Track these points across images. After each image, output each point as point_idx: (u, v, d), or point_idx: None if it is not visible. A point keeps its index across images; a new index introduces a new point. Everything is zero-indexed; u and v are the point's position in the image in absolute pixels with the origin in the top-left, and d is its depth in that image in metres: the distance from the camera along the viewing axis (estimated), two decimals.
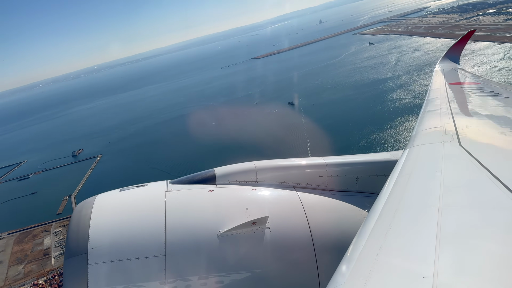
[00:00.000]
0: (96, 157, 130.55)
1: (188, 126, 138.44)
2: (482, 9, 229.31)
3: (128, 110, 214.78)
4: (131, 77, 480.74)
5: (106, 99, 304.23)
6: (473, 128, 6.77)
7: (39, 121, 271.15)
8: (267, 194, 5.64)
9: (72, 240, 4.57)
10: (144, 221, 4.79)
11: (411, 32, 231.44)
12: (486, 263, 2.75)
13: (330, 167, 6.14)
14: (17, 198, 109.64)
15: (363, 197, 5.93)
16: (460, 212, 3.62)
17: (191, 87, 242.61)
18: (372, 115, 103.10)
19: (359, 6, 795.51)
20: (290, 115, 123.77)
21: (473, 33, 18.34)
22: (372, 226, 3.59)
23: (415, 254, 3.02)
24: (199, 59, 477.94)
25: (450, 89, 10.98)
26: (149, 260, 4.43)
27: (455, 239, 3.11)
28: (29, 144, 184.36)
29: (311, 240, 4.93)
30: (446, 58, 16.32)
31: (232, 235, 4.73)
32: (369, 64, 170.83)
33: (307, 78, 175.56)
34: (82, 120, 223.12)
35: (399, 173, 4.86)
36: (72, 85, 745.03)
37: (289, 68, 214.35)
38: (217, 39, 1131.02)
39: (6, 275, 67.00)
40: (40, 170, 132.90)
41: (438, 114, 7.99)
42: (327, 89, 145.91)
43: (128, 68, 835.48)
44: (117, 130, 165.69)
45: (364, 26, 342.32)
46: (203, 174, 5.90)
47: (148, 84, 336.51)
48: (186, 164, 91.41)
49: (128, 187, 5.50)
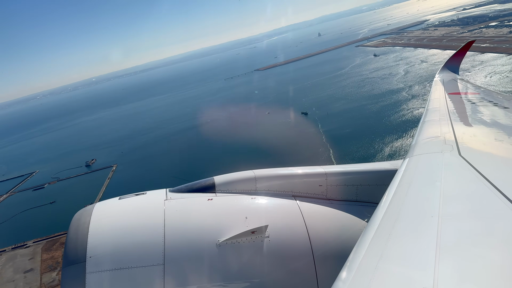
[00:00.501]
0: (112, 167, 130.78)
1: (200, 136, 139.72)
2: (484, 22, 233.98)
3: (136, 120, 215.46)
4: (133, 89, 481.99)
5: (111, 110, 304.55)
6: (472, 138, 6.83)
7: (44, 132, 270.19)
8: (266, 203, 5.60)
9: (71, 249, 4.55)
10: (143, 229, 4.78)
11: (415, 44, 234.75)
12: (486, 273, 2.73)
13: (330, 176, 6.15)
14: (37, 207, 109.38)
15: (363, 207, 5.94)
16: (460, 222, 3.61)
17: (197, 98, 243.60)
18: (389, 124, 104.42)
19: (355, 20, 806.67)
20: (306, 125, 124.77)
21: (472, 43, 18.69)
22: (372, 236, 3.56)
23: (415, 264, 3.00)
24: (200, 71, 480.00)
25: (450, 99, 11.11)
26: (148, 269, 4.42)
27: (455, 249, 3.09)
28: (38, 155, 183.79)
29: (310, 250, 4.92)
30: (445, 69, 16.63)
31: (231, 244, 4.72)
32: (378, 75, 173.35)
33: (316, 89, 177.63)
34: (90, 130, 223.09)
35: (399, 183, 4.90)
36: (71, 97, 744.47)
37: (295, 79, 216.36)
38: (215, 52, 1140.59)
39: (41, 282, 66.96)
40: (55, 179, 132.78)
41: (437, 124, 8.08)
42: (339, 99, 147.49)
43: (127, 80, 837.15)
44: (128, 140, 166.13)
45: (365, 39, 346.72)
46: (202, 182, 5.90)
47: (151, 95, 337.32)
48: (202, 171, 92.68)
49: (127, 195, 5.51)
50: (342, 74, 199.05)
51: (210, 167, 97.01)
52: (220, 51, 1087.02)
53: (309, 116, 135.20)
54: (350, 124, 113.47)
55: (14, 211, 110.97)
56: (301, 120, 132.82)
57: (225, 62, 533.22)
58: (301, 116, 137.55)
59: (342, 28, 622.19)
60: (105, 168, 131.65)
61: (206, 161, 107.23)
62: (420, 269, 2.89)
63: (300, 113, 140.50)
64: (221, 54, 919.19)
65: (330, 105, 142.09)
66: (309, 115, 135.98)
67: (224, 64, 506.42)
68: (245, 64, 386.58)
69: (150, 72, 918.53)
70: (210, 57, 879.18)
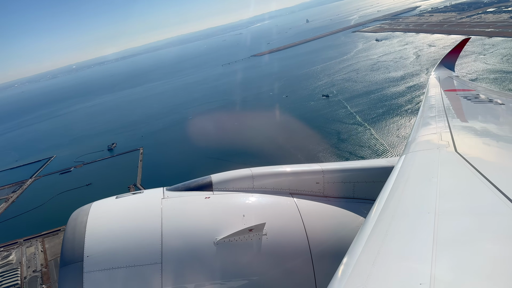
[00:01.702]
0: (139, 150, 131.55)
1: (221, 118, 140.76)
2: (479, 8, 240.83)
3: (143, 106, 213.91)
4: (122, 76, 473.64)
5: (108, 97, 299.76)
6: (468, 135, 6.93)
7: (42, 119, 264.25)
8: (264, 200, 5.64)
9: (68, 248, 4.55)
10: (140, 228, 4.79)
11: (415, 29, 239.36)
12: (483, 269, 2.73)
13: (327, 173, 6.16)
14: (73, 189, 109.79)
15: (360, 204, 5.95)
16: (456, 218, 3.64)
17: (200, 84, 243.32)
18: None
19: (341, 6, 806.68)
20: (332, 106, 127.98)
21: (468, 40, 19.10)
22: (369, 233, 3.59)
23: (412, 260, 3.02)
24: (191, 58, 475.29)
25: (446, 96, 11.20)
26: (145, 268, 4.42)
27: (451, 245, 3.10)
28: (48, 141, 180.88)
29: (308, 247, 4.94)
30: (441, 66, 16.70)
31: (229, 242, 4.72)
32: (388, 58, 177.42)
33: (327, 73, 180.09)
34: (96, 116, 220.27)
35: (396, 180, 4.94)
36: (55, 84, 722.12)
37: (301, 64, 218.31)
38: (196, 38, 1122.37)
39: None
40: (80, 163, 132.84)
41: (434, 121, 8.11)
42: (357, 82, 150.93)
43: (111, 67, 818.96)
44: (144, 125, 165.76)
45: (360, 24, 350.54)
46: (199, 180, 5.92)
47: (147, 82, 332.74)
48: (232, 151, 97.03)
49: (124, 194, 5.53)
50: (349, 58, 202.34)
51: (241, 147, 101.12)
52: (202, 38, 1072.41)
53: (331, 98, 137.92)
54: (381, 105, 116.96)
55: (48, 194, 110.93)
56: (324, 102, 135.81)
57: (215, 49, 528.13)
58: (323, 98, 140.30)
59: (329, 14, 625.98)
60: (132, 151, 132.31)
61: (235, 141, 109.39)
62: (417, 265, 2.89)
63: (321, 96, 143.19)
64: (205, 40, 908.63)
65: (350, 88, 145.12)
66: (331, 98, 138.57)
67: (214, 50, 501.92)
68: (237, 51, 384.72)
69: (133, 59, 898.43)
70: (194, 44, 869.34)
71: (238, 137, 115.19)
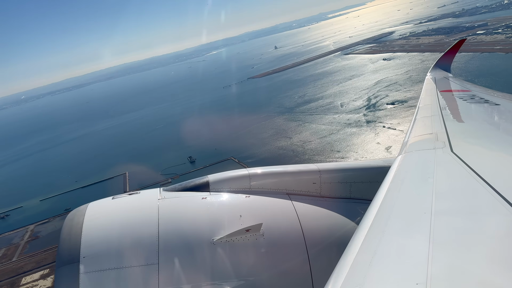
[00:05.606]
0: (230, 159, 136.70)
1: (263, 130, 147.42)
2: (461, 32, 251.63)
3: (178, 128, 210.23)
4: (105, 101, 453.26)
5: (111, 122, 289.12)
6: (464, 135, 7.07)
7: (49, 146, 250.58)
8: (261, 201, 5.72)
9: (64, 249, 4.60)
10: (137, 229, 4.87)
11: (415, 49, 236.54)
12: (479, 269, 2.72)
13: (324, 173, 6.28)
14: None
15: (356, 204, 6.09)
16: (452, 218, 3.67)
17: (210, 106, 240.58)
18: None
19: (298, 35, 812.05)
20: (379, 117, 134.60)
21: (464, 42, 19.06)
22: (365, 233, 3.59)
23: (409, 261, 3.00)
24: (170, 83, 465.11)
25: (442, 96, 11.14)
26: (142, 269, 4.51)
27: (448, 245, 3.11)
28: (98, 161, 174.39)
29: (304, 247, 5.06)
30: (437, 67, 16.70)
31: (226, 242, 4.80)
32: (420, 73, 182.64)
33: (355, 92, 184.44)
34: (125, 137, 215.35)
35: (392, 180, 5.01)
36: (4, 117, 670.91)
37: (320, 85, 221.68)
38: (153, 66, 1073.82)
39: None
40: (173, 175, 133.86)
41: (430, 121, 8.24)
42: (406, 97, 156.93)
43: (74, 95, 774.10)
44: (202, 140, 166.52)
45: (344, 49, 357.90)
46: (196, 181, 6.08)
47: (142, 106, 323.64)
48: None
49: (121, 195, 5.66)
50: (369, 78, 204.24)
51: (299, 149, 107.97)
52: (159, 65, 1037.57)
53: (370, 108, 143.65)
54: None
55: None
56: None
57: (189, 75, 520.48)
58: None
59: (290, 42, 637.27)
60: (222, 162, 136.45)
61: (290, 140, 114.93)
62: (414, 266, 2.87)
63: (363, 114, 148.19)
64: (166, 67, 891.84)
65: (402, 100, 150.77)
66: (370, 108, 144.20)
67: (191, 76, 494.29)
68: (220, 76, 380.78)
69: (93, 86, 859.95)
70: (159, 70, 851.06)
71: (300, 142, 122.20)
